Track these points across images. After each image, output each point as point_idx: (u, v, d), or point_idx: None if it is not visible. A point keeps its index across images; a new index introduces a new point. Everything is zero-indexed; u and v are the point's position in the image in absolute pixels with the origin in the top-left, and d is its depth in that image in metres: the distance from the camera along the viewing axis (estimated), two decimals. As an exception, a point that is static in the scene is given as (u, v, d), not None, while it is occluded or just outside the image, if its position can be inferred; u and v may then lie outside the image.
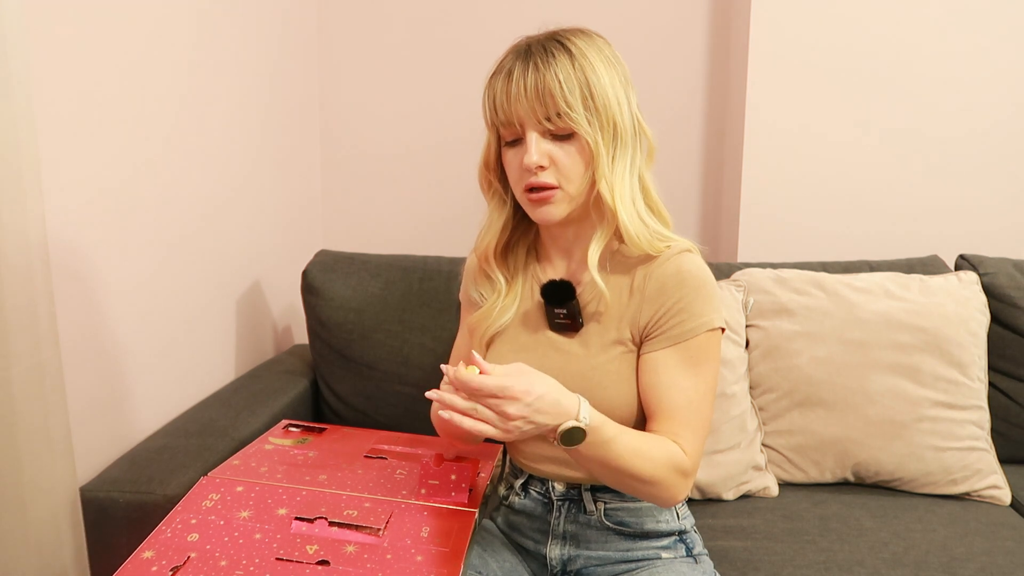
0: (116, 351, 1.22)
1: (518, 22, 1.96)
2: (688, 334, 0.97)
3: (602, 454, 0.90)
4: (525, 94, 0.94)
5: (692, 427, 0.96)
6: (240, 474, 1.01)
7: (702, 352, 0.97)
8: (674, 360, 0.97)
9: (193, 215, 1.43)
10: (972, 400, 1.44)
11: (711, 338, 0.98)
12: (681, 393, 0.97)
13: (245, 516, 0.91)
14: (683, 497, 0.96)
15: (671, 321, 0.97)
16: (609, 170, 0.96)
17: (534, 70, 0.94)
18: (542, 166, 0.96)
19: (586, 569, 1.06)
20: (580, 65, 0.94)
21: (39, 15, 1.01)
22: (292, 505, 0.94)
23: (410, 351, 1.56)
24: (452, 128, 2.02)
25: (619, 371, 0.99)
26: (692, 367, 0.97)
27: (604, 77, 0.95)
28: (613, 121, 0.96)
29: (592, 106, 0.94)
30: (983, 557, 1.22)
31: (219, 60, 1.50)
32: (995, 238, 1.80)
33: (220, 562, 0.83)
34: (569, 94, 0.93)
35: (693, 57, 1.94)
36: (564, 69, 0.93)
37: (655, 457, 0.92)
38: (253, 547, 0.86)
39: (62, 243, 1.08)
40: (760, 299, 1.50)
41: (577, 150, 0.96)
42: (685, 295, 0.97)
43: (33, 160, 0.92)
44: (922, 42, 1.75)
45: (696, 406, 0.97)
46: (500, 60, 1.00)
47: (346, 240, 2.06)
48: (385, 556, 0.87)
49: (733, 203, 1.87)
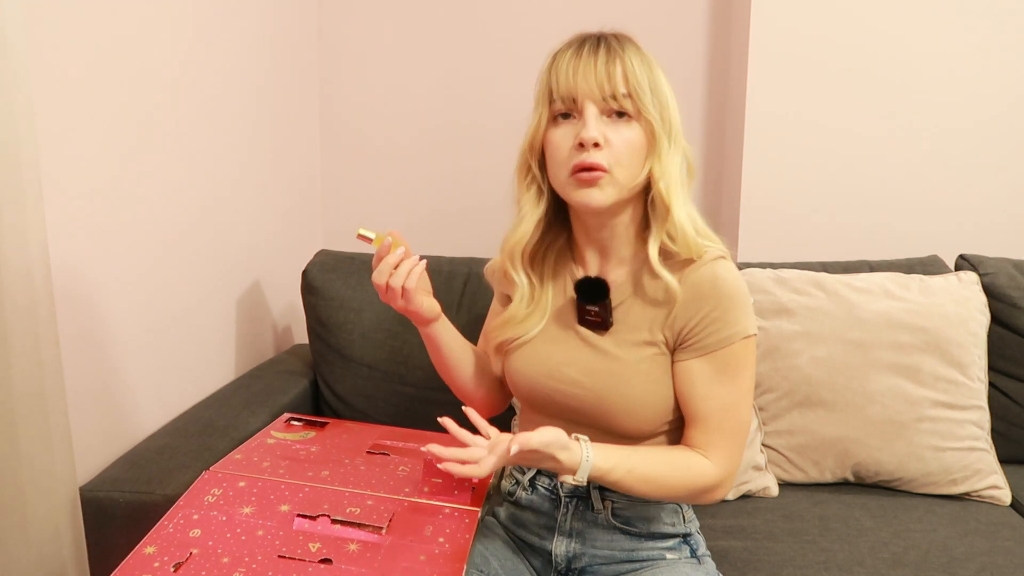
0: (116, 351, 1.22)
1: (519, 20, 1.97)
2: (723, 343, 0.97)
3: (609, 481, 0.95)
4: (595, 68, 0.95)
5: (726, 434, 0.98)
6: (242, 469, 1.00)
7: (737, 360, 0.98)
8: (709, 369, 0.98)
9: (193, 214, 1.43)
10: (972, 400, 1.44)
11: (746, 345, 0.98)
12: (715, 401, 0.98)
13: (247, 512, 0.91)
14: (713, 501, 1.01)
15: (706, 330, 0.97)
16: (667, 162, 0.97)
17: (607, 50, 0.96)
18: (598, 143, 0.94)
19: (591, 567, 1.06)
20: (647, 60, 0.98)
21: (39, 15, 1.01)
22: (294, 502, 0.93)
23: (410, 351, 1.56)
24: (453, 128, 2.02)
25: (650, 372, 1.00)
26: (727, 375, 0.98)
27: (662, 78, 0.99)
28: (670, 118, 0.98)
29: (655, 98, 0.96)
30: (983, 557, 1.22)
31: (218, 58, 1.50)
32: (995, 238, 1.80)
33: (222, 559, 0.83)
34: (640, 76, 0.95)
35: (693, 56, 1.94)
36: (636, 57, 0.97)
37: (672, 484, 0.97)
38: (255, 544, 0.86)
39: (62, 243, 1.08)
40: (760, 299, 1.50)
41: (634, 136, 0.96)
42: (720, 304, 0.97)
43: (33, 160, 0.92)
44: (923, 41, 1.75)
45: (732, 413, 0.99)
46: (565, 42, 1.00)
47: (346, 240, 2.06)
48: (388, 555, 0.86)
49: (733, 203, 1.87)
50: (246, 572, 0.82)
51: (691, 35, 1.93)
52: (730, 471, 0.99)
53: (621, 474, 0.94)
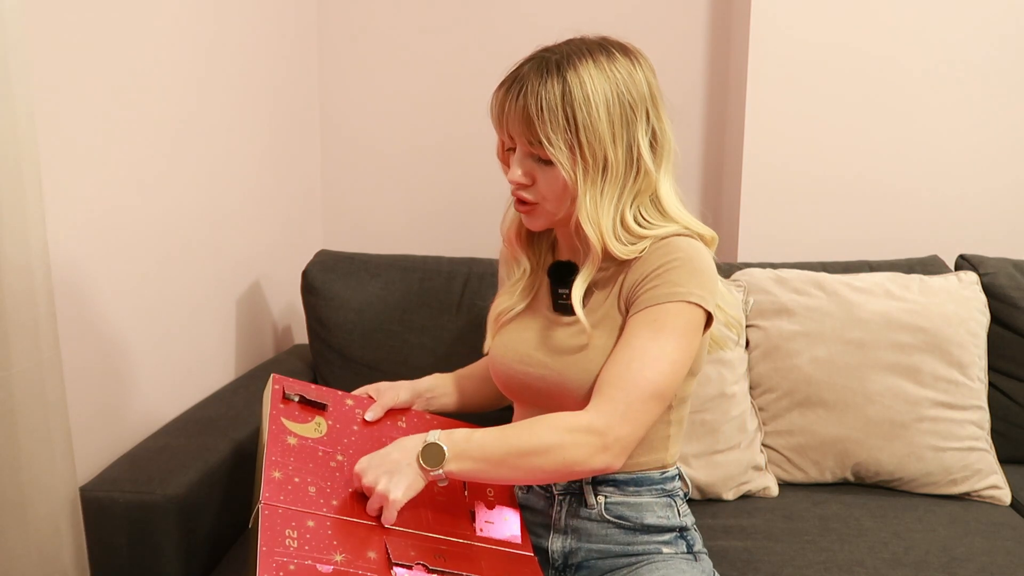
0: (116, 351, 1.22)
1: (519, 20, 1.97)
2: (659, 299, 0.94)
3: (478, 451, 0.92)
4: (512, 115, 0.96)
5: (618, 386, 0.92)
6: (295, 500, 0.94)
7: (666, 319, 0.94)
8: (634, 324, 0.96)
9: (193, 215, 1.43)
10: (972, 400, 1.44)
11: (683, 310, 0.94)
12: (624, 351, 0.95)
13: (340, 560, 0.87)
14: (607, 459, 0.92)
15: (647, 285, 0.96)
16: (591, 203, 0.96)
17: (524, 94, 0.94)
18: (523, 183, 0.99)
19: (587, 562, 1.06)
20: (572, 97, 0.93)
21: (39, 15, 1.01)
22: (373, 545, 0.91)
23: (410, 351, 1.56)
24: (453, 127, 2.02)
25: (607, 346, 0.99)
26: (649, 330, 0.94)
27: (598, 109, 0.93)
28: (604, 155, 0.95)
29: (576, 141, 0.93)
30: (983, 557, 1.22)
31: (218, 59, 1.50)
32: (995, 238, 1.80)
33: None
34: (551, 126, 0.93)
35: (693, 57, 1.94)
36: (551, 99, 0.93)
37: (536, 426, 0.93)
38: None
39: (62, 243, 1.08)
40: (760, 299, 1.50)
41: (553, 178, 0.97)
42: (668, 265, 0.95)
43: (33, 161, 0.92)
44: (923, 42, 1.75)
45: (636, 368, 0.92)
46: (510, 69, 1.00)
47: (346, 240, 2.06)
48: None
49: (733, 203, 1.87)
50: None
51: (691, 35, 1.93)
52: (608, 424, 0.91)
53: (468, 430, 0.94)
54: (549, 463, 0.91)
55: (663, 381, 0.93)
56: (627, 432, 0.92)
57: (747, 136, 1.79)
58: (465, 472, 0.93)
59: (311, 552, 0.86)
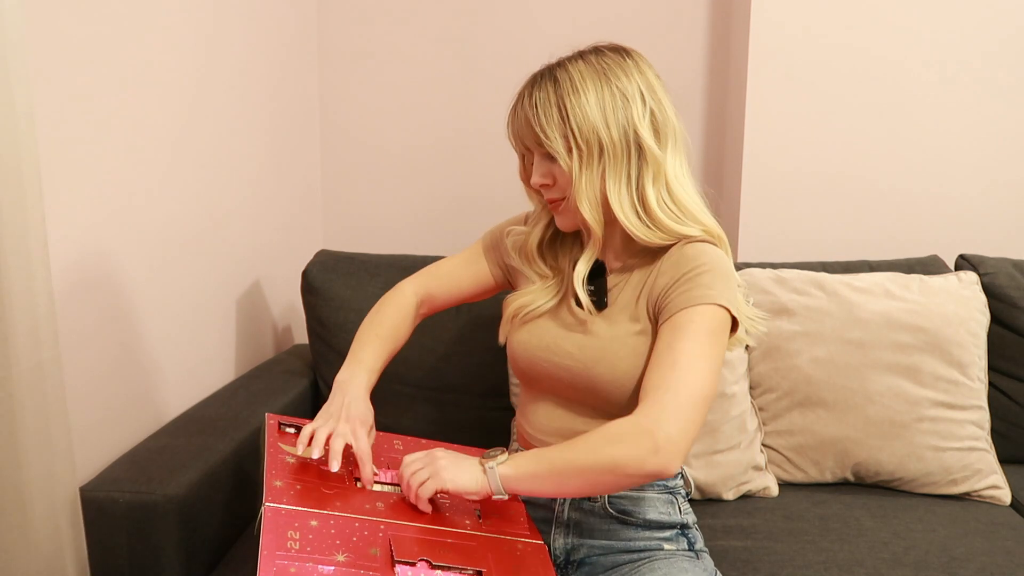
0: (116, 351, 1.22)
1: (519, 19, 1.97)
2: (693, 301, 0.97)
3: (532, 455, 0.94)
4: (518, 125, 1.05)
5: (663, 388, 0.92)
6: (299, 501, 0.94)
7: (697, 322, 0.95)
8: (671, 328, 0.97)
9: (193, 215, 1.43)
10: (972, 400, 1.44)
11: (712, 312, 0.96)
12: (662, 357, 0.95)
13: (342, 560, 0.87)
14: (660, 461, 0.88)
15: (677, 291, 0.98)
16: (589, 186, 1.00)
17: (523, 104, 1.03)
18: (545, 183, 1.05)
19: (589, 558, 1.07)
20: (562, 89, 1.00)
21: (39, 15, 1.01)
22: (377, 542, 0.91)
23: (410, 351, 1.55)
24: (453, 127, 2.02)
25: (636, 346, 1.02)
26: (681, 333, 0.95)
27: (587, 96, 0.99)
28: (598, 139, 0.99)
29: (569, 129, 0.99)
30: (983, 557, 1.22)
31: (218, 59, 1.50)
32: (995, 238, 1.80)
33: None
34: (546, 120, 1.00)
35: (693, 57, 1.94)
36: (544, 98, 1.01)
37: (587, 435, 0.92)
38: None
39: (62, 243, 1.08)
40: (760, 299, 1.50)
41: (562, 169, 1.02)
42: (697, 270, 0.98)
43: (33, 160, 0.92)
44: (923, 42, 1.75)
45: (679, 369, 0.92)
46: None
47: (346, 240, 2.06)
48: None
49: (733, 203, 1.87)
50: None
51: (691, 35, 1.93)
52: (657, 422, 0.89)
53: (534, 460, 0.94)
54: (600, 462, 0.90)
55: (706, 382, 0.93)
56: (677, 431, 0.89)
57: (747, 136, 1.80)
58: (520, 475, 0.92)
59: (313, 553, 0.86)
